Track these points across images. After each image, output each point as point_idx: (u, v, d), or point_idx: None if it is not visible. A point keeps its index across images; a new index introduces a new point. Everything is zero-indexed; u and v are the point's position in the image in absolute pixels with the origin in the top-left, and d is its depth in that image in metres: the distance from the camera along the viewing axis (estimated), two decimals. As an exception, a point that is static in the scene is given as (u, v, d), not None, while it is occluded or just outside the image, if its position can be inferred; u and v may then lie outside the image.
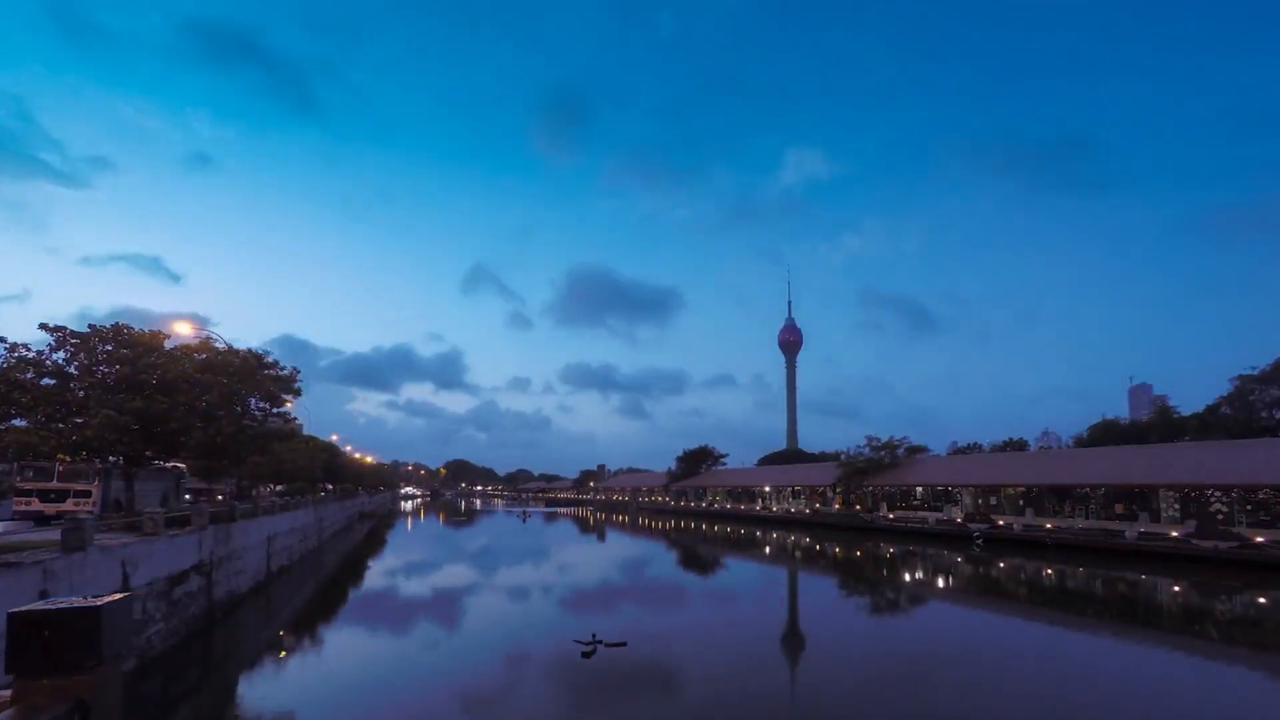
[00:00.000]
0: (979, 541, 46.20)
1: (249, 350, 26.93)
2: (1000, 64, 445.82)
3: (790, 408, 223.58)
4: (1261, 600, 26.88)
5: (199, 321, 28.09)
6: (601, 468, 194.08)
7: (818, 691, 15.13)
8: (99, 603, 2.11)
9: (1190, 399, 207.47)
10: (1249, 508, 41.83)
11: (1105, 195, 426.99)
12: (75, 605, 2.09)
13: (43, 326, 21.40)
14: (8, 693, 2.15)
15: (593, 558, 45.37)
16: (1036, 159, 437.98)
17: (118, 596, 2.18)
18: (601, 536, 62.42)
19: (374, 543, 56.02)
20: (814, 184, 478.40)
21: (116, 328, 22.56)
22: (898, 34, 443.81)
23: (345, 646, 19.22)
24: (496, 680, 15.60)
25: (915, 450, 73.83)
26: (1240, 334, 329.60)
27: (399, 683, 15.41)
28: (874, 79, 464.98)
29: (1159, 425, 60.37)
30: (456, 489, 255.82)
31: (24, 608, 2.12)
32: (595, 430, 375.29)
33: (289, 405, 31.98)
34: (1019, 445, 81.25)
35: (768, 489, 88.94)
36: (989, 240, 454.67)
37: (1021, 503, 55.51)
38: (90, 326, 22.13)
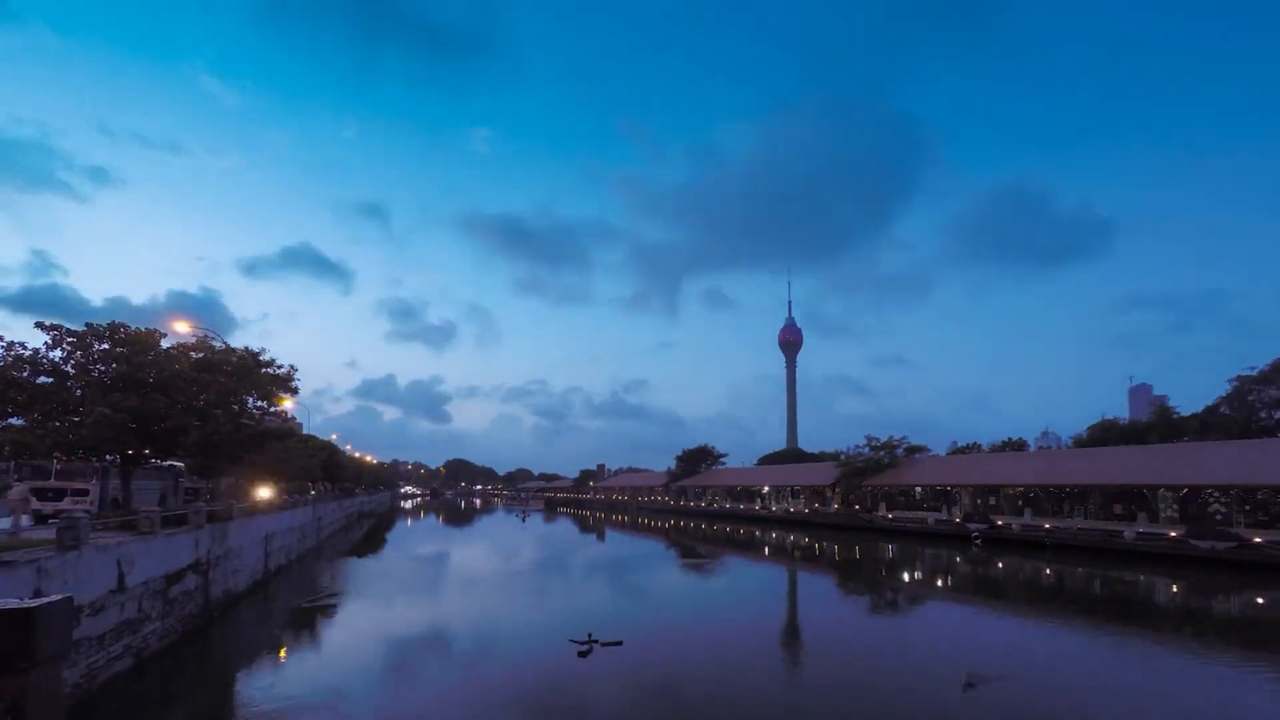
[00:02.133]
0: (978, 541, 46.20)
1: (246, 349, 26.91)
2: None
3: (790, 408, 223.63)
4: (1259, 601, 26.86)
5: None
6: (601, 467, 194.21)
7: (816, 691, 15.12)
8: (33, 604, 2.10)
9: (1190, 399, 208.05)
10: (1247, 508, 41.81)
11: (1104, 194, 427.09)
12: (9, 606, 2.07)
13: (38, 325, 21.38)
14: None
15: (591, 557, 45.36)
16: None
17: (55, 598, 2.18)
18: (601, 536, 62.43)
19: (373, 542, 56.03)
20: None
21: (113, 326, 22.54)
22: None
23: (341, 645, 19.22)
24: (492, 680, 15.59)
25: (914, 450, 73.75)
26: (1240, 334, 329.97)
27: (394, 681, 15.41)
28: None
29: (1158, 425, 60.28)
30: (456, 488, 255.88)
31: None
32: (593, 430, 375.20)
33: (287, 404, 31.95)
34: (1018, 445, 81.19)
35: (767, 489, 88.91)
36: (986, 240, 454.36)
37: (1020, 503, 55.51)
38: (87, 325, 22.12)
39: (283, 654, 18.17)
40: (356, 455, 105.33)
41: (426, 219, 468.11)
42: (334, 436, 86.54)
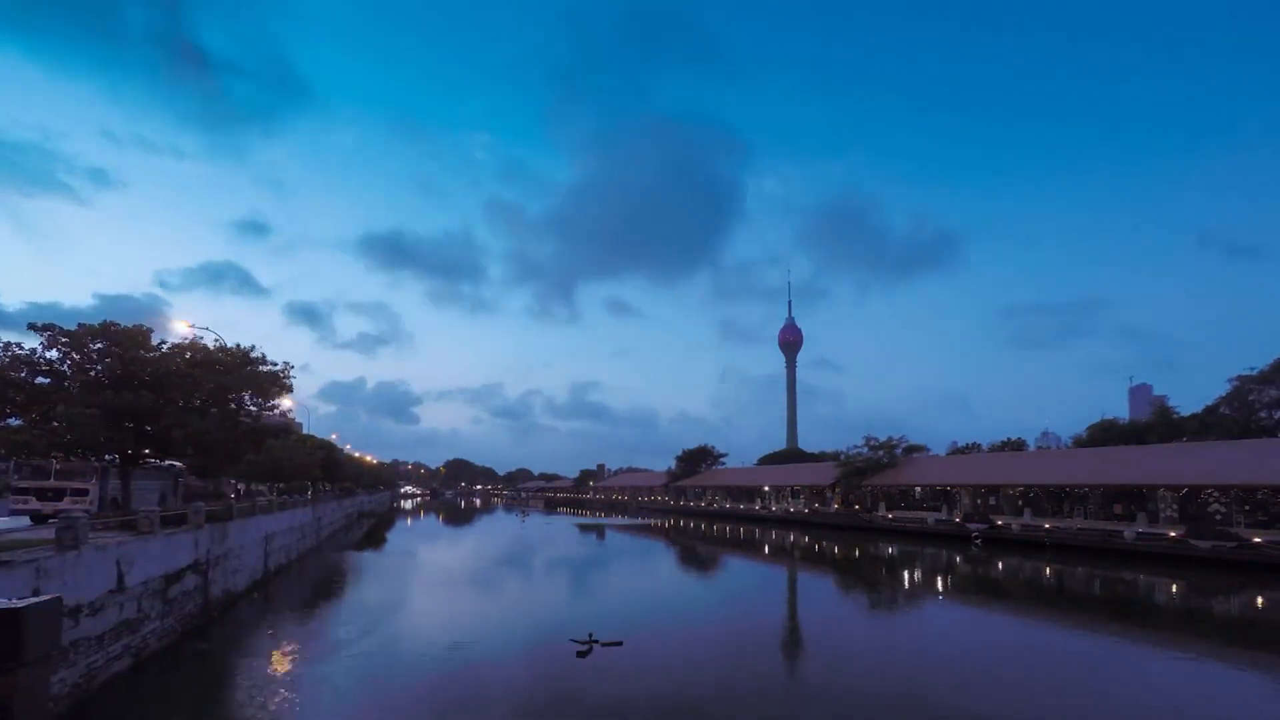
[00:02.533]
0: (977, 541, 46.20)
1: (238, 345, 26.82)
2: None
3: (790, 408, 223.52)
4: (1259, 601, 26.86)
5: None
6: (601, 467, 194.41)
7: (816, 691, 15.10)
8: (21, 604, 2.07)
9: (1190, 399, 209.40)
10: (1247, 508, 41.80)
11: (1104, 196, 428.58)
12: None
13: (31, 326, 21.33)
14: None
15: (590, 557, 45.33)
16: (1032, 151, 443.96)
17: (43, 599, 2.15)
18: (601, 536, 62.40)
19: (373, 541, 56.03)
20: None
21: (105, 325, 22.49)
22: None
23: (339, 644, 19.16)
24: (490, 680, 15.55)
25: (914, 450, 73.79)
26: (1240, 334, 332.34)
27: (392, 681, 15.37)
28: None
29: (1158, 425, 60.32)
30: (456, 488, 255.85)
31: None
32: (595, 430, 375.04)
33: (285, 402, 31.90)
34: (1018, 445, 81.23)
35: (767, 489, 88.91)
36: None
37: (1020, 503, 55.49)
38: (79, 325, 22.07)
39: (282, 654, 18.14)
40: (356, 455, 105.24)
41: (328, 235, 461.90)
42: (334, 436, 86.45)
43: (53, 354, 21.54)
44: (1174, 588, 29.68)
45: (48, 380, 21.45)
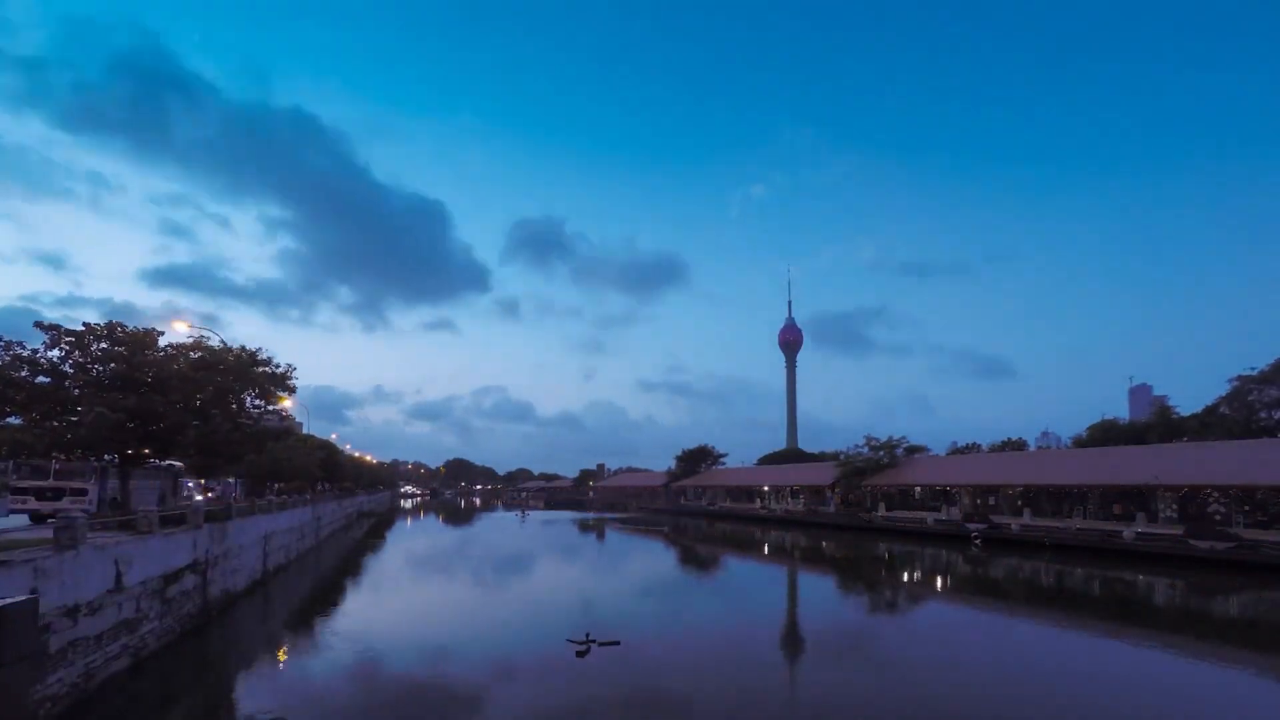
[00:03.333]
0: (977, 541, 46.19)
1: (242, 347, 26.87)
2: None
3: (790, 408, 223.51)
4: (1259, 601, 26.85)
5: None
6: (601, 466, 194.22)
7: (816, 691, 15.11)
8: None
9: (1190, 399, 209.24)
10: (1247, 508, 41.76)
11: (1106, 195, 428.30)
12: None
13: (38, 324, 21.38)
14: None
15: (589, 556, 45.36)
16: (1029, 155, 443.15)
17: (20, 599, 2.15)
18: (600, 535, 62.41)
19: (372, 541, 56.05)
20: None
21: (110, 325, 22.53)
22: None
23: (339, 645, 19.18)
24: (488, 680, 15.56)
25: (914, 450, 73.78)
26: (1240, 334, 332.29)
27: (391, 682, 15.38)
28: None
29: (1158, 425, 60.29)
30: (456, 488, 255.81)
31: None
32: (590, 430, 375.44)
33: (286, 403, 31.92)
34: (1018, 445, 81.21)
35: (767, 488, 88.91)
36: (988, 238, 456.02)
37: (1020, 503, 55.46)
38: (85, 324, 22.11)
39: (281, 654, 18.15)
40: (356, 455, 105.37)
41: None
42: (333, 436, 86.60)
43: (54, 354, 21.57)
44: (1173, 588, 29.67)
45: (49, 380, 21.48)
